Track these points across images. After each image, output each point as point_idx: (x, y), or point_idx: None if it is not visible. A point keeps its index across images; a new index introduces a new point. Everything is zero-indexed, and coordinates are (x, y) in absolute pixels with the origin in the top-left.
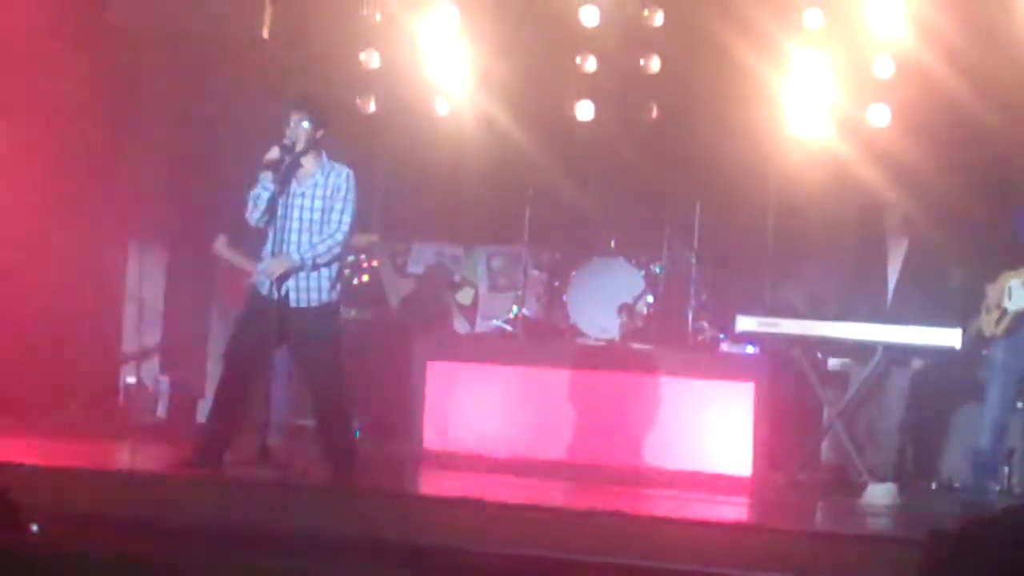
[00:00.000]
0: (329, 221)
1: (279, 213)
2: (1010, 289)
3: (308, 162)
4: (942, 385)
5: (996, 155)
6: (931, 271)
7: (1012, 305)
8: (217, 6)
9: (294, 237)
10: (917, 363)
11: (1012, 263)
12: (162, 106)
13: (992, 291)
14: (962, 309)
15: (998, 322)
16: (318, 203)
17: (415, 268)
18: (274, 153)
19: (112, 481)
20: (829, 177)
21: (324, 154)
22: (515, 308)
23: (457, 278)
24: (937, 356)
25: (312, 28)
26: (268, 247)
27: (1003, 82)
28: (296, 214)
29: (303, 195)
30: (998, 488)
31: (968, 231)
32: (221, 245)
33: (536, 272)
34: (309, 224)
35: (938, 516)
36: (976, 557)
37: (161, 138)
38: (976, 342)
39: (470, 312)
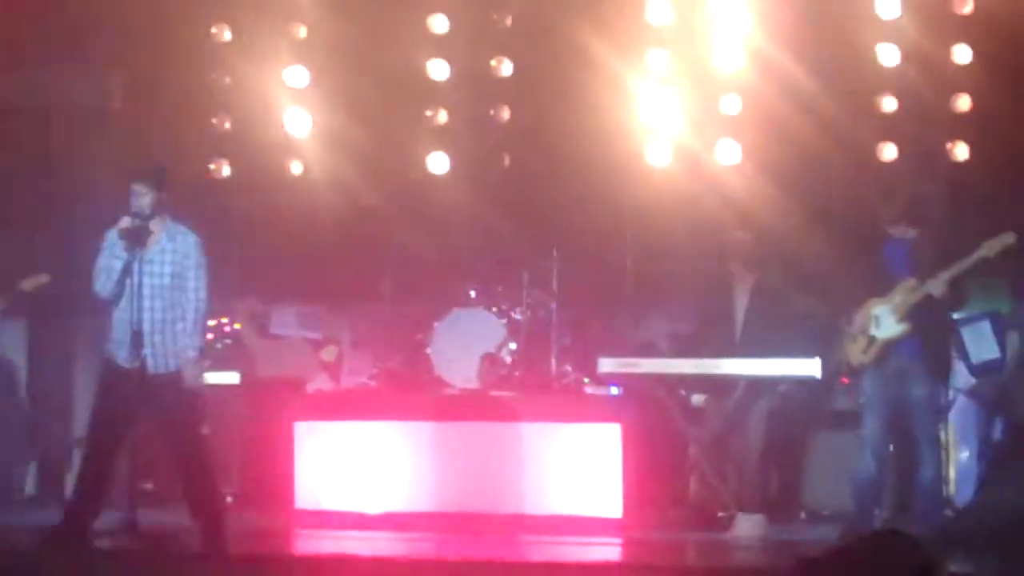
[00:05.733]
0: (185, 289)
1: (131, 280)
2: (877, 317)
3: (154, 226)
4: (801, 415)
5: (839, 190)
6: (777, 304)
7: (880, 333)
8: (63, 78)
9: (147, 303)
10: (775, 395)
11: (873, 293)
12: (14, 180)
13: (857, 319)
14: (811, 340)
15: (866, 350)
16: (167, 268)
17: (277, 329)
18: (127, 222)
19: None
20: (682, 215)
21: (168, 218)
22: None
23: (319, 336)
24: (798, 387)
25: (161, 95)
26: (121, 314)
27: (843, 117)
28: (147, 280)
29: (151, 261)
30: (885, 516)
31: (814, 263)
32: None
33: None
34: (161, 290)
35: (807, 545)
36: None
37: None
38: (834, 371)
39: (334, 369)
